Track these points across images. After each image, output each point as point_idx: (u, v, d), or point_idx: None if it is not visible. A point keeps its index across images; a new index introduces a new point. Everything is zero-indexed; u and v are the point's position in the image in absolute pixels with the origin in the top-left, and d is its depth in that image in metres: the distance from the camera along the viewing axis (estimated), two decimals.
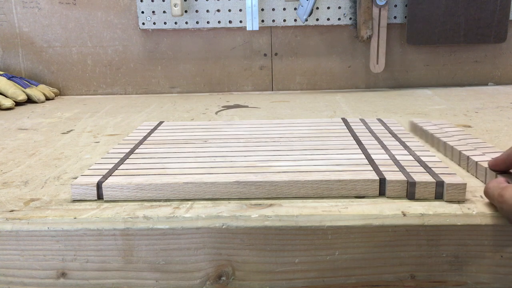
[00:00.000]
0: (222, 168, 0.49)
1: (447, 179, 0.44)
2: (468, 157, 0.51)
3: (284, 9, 1.09)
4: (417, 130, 0.66)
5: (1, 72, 1.06)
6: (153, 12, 1.10)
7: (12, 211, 0.44)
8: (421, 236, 0.41)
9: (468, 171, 0.51)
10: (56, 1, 1.12)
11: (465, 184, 0.43)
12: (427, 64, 1.14)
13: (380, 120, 0.69)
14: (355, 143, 0.57)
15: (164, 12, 1.10)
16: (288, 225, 0.41)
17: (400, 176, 0.45)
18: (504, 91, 1.06)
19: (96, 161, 0.53)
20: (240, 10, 1.09)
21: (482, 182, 0.48)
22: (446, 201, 0.43)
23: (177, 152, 0.55)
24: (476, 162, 0.49)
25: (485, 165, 0.47)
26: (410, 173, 0.45)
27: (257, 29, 1.07)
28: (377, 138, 0.59)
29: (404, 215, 0.41)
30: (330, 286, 0.42)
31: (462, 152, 0.52)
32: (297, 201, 0.44)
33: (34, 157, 0.62)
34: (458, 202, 0.43)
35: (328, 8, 1.09)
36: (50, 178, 0.53)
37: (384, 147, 0.55)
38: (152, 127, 0.68)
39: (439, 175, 0.45)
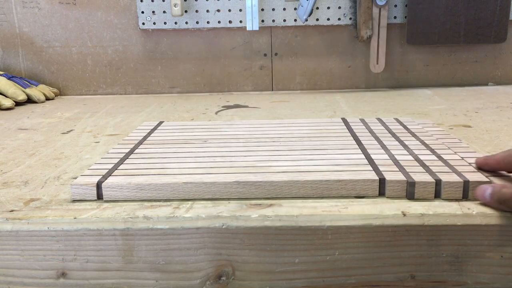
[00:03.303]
0: (221, 168, 0.49)
1: (445, 178, 0.44)
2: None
3: (284, 9, 1.09)
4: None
5: (1, 72, 1.06)
6: (153, 12, 1.10)
7: (12, 211, 0.44)
8: (421, 236, 0.41)
9: None
10: (56, 1, 1.12)
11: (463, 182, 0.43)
12: (427, 64, 1.14)
13: (380, 120, 0.69)
14: (355, 143, 0.57)
15: (164, 12, 1.10)
16: (288, 225, 0.41)
17: (400, 176, 0.45)
18: (504, 91, 1.06)
19: (96, 161, 0.53)
20: (240, 10, 1.09)
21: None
22: (445, 200, 0.43)
23: (177, 152, 0.55)
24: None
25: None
26: (409, 173, 0.45)
27: (257, 29, 1.07)
28: (377, 138, 0.59)
29: (404, 215, 0.41)
30: (330, 286, 0.42)
31: (435, 150, 0.53)
32: (297, 201, 0.44)
33: (34, 157, 0.62)
34: (457, 200, 0.43)
35: (328, 8, 1.09)
36: (50, 178, 0.53)
37: (384, 147, 0.55)
38: (152, 127, 0.68)
39: (437, 174, 0.45)
